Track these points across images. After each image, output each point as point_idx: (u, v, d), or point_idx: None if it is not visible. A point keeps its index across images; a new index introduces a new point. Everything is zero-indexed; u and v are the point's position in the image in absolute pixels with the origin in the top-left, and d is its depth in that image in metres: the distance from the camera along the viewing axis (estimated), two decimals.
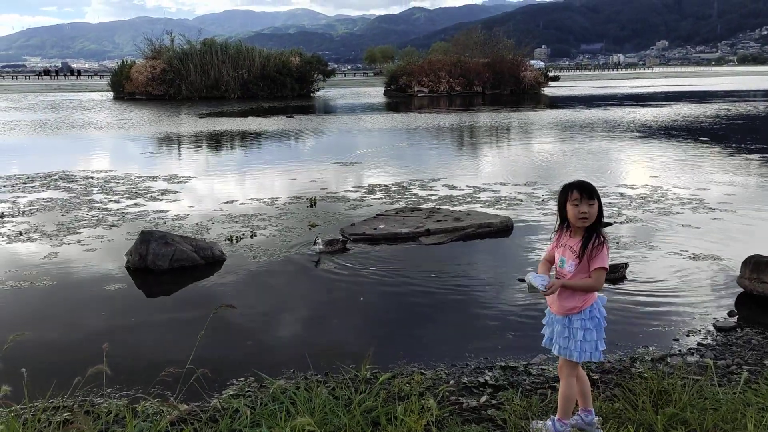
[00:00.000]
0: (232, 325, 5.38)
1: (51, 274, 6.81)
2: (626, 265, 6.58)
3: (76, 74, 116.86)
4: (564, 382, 3.37)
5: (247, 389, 4.17)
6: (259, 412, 3.58)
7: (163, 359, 4.61)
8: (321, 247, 7.35)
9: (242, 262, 7.20)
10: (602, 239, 3.20)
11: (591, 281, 3.20)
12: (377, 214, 9.29)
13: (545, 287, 3.17)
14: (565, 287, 3.23)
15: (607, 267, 3.21)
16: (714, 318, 5.42)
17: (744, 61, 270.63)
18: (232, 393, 4.10)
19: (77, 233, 8.51)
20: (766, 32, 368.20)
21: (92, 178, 13.08)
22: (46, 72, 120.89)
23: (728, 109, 31.33)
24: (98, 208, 10.08)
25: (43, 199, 10.91)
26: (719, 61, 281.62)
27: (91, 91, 60.89)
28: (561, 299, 3.26)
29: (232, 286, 6.46)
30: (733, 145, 17.65)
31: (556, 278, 3.29)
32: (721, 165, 14.25)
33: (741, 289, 5.97)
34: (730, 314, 5.52)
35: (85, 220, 9.29)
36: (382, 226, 8.46)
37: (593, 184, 3.30)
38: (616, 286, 6.22)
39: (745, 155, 15.72)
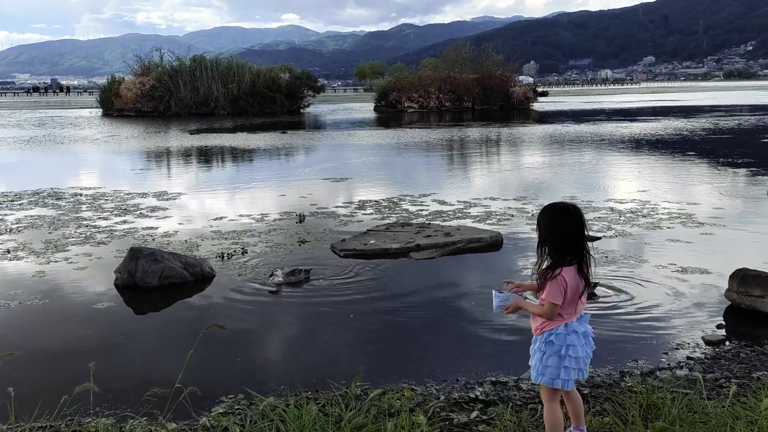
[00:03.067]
0: (221, 342, 5.35)
1: (39, 292, 6.75)
2: (596, 284, 6.52)
3: (65, 91, 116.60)
4: (545, 408, 3.36)
5: (236, 407, 4.14)
6: (248, 430, 3.56)
7: (151, 377, 4.58)
8: (280, 278, 6.89)
9: (232, 278, 7.17)
10: (556, 274, 3.15)
11: (541, 309, 3.23)
12: (368, 230, 9.30)
13: (500, 308, 3.26)
14: (524, 309, 3.30)
15: (556, 302, 3.16)
16: (702, 331, 5.45)
17: (730, 76, 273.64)
18: (221, 411, 4.07)
19: (65, 251, 8.46)
20: (751, 48, 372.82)
21: (81, 195, 13.03)
22: (35, 89, 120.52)
23: (715, 124, 31.64)
24: (87, 226, 10.03)
25: (31, 216, 10.85)
26: (705, 77, 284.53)
27: (80, 108, 60.78)
28: (531, 318, 3.33)
29: (221, 303, 6.43)
30: (721, 160, 17.81)
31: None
32: (709, 179, 14.36)
33: (729, 303, 6.00)
34: (719, 327, 5.55)
35: (74, 237, 9.24)
36: (372, 242, 8.46)
37: (584, 199, 3.33)
38: (606, 300, 6.24)
39: (732, 170, 15.87)
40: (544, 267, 3.20)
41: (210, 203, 12.28)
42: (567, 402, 3.43)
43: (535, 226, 3.39)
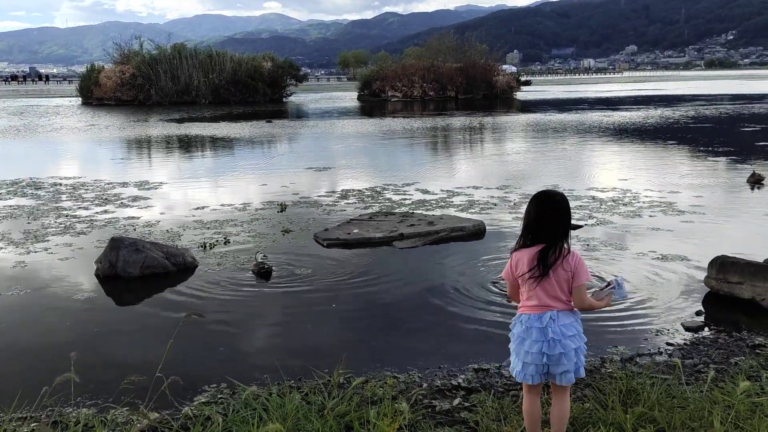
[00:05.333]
0: (204, 332, 5.33)
1: (18, 283, 6.68)
2: None
3: (44, 79, 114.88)
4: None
5: (219, 396, 4.13)
6: (231, 419, 3.55)
7: (133, 367, 4.55)
8: (258, 260, 7.02)
9: (214, 268, 7.14)
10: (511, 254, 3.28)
11: None
12: (351, 219, 9.29)
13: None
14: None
15: (504, 277, 3.34)
16: (682, 318, 5.51)
17: (711, 65, 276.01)
18: (204, 400, 4.07)
19: (45, 241, 8.37)
20: (732, 37, 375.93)
21: (60, 184, 12.88)
22: (14, 77, 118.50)
23: (696, 113, 31.91)
24: (67, 216, 9.93)
25: (10, 206, 10.71)
26: (687, 66, 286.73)
27: (60, 97, 59.99)
28: None
29: (203, 293, 6.40)
30: (701, 148, 17.99)
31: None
32: (690, 168, 14.50)
33: (708, 289, 6.08)
34: (698, 314, 5.62)
35: (54, 227, 9.15)
36: (355, 231, 8.46)
37: (566, 188, 3.36)
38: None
39: (712, 158, 16.03)
40: None
41: (192, 193, 12.19)
42: (552, 402, 3.34)
43: (520, 215, 3.41)
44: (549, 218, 3.10)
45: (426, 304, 6.00)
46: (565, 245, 3.13)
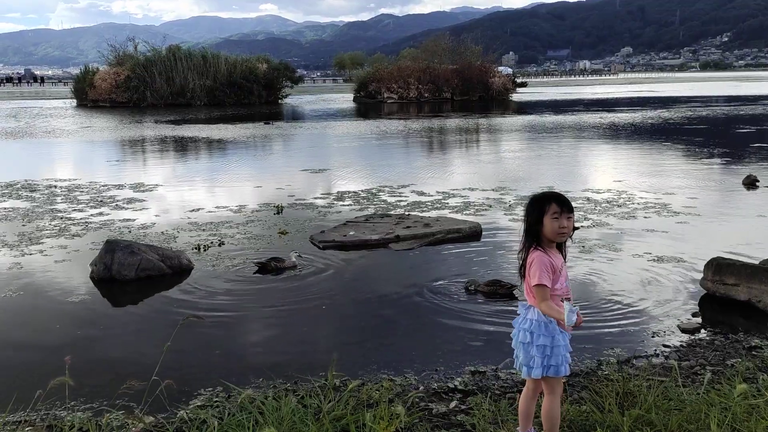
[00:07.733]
0: (199, 335, 5.31)
1: (13, 285, 6.65)
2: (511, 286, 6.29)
3: (39, 81, 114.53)
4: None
5: (214, 399, 4.11)
6: (226, 423, 3.53)
7: (128, 371, 4.53)
8: (293, 260, 7.20)
9: (210, 270, 7.12)
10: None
11: None
12: (347, 221, 9.28)
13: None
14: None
15: None
16: (678, 320, 5.51)
17: (706, 67, 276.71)
18: (199, 404, 4.05)
19: (40, 243, 8.33)
20: (726, 39, 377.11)
21: (55, 187, 12.84)
22: (9, 79, 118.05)
23: (692, 114, 31.98)
24: (61, 218, 9.89)
25: (4, 209, 10.67)
26: (682, 67, 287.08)
27: (55, 99, 59.83)
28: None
29: (199, 295, 6.38)
30: (697, 150, 18.02)
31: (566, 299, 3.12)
32: (685, 169, 14.53)
33: (704, 291, 6.08)
34: (694, 316, 5.62)
35: (48, 229, 9.11)
36: (352, 233, 8.45)
37: (561, 189, 3.35)
38: (583, 290, 6.28)
39: (707, 159, 16.06)
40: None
41: (187, 195, 12.17)
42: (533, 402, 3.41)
43: (516, 216, 3.38)
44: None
45: (422, 307, 5.99)
46: (532, 246, 3.15)
